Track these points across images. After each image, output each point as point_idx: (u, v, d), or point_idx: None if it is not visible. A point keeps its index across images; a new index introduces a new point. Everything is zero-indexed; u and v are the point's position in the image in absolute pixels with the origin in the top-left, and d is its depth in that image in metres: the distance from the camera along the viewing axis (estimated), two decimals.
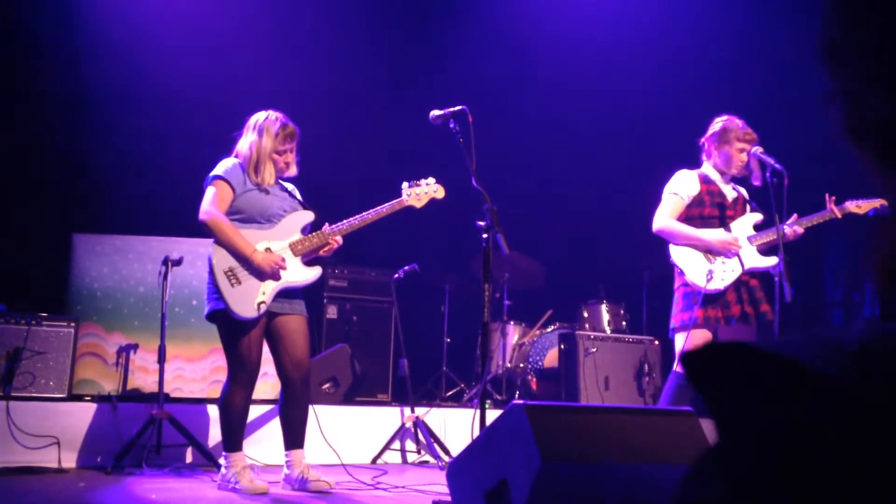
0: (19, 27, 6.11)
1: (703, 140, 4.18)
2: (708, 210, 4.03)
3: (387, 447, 4.99)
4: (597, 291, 6.43)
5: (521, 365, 6.31)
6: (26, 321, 4.54)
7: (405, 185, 3.94)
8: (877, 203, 4.12)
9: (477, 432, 3.05)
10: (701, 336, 3.92)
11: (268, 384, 5.00)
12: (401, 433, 5.06)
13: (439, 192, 3.98)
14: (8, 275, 5.47)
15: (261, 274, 3.64)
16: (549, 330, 6.38)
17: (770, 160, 3.96)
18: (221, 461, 3.77)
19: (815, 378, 0.56)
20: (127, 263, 4.97)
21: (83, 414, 4.44)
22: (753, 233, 4.04)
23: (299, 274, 3.76)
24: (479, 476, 2.76)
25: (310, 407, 3.87)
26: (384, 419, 5.15)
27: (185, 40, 6.62)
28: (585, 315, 6.37)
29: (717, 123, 4.13)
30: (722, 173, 4.10)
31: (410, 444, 5.10)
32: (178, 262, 4.51)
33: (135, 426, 4.37)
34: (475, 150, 3.41)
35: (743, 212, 4.11)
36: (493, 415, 3.16)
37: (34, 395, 4.46)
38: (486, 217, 3.39)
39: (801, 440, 0.56)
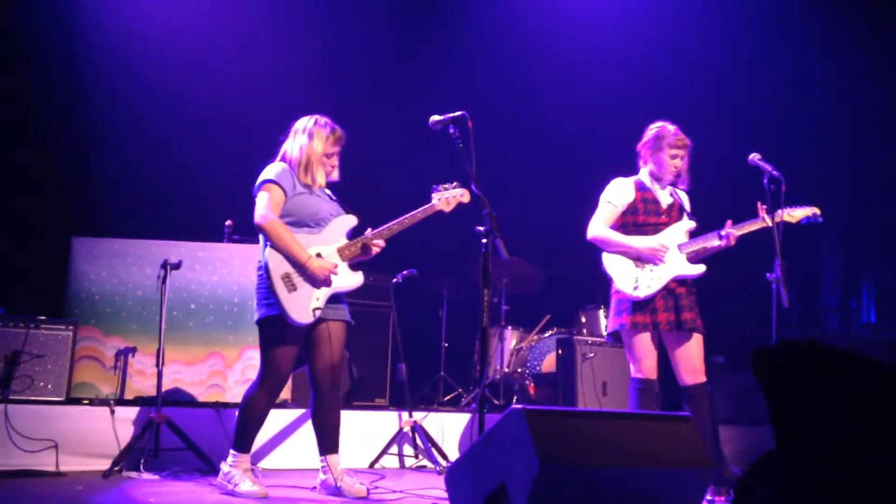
0: (17, 28, 6.11)
1: (638, 147, 4.21)
2: (642, 217, 4.07)
3: (384, 452, 4.99)
4: (594, 297, 6.44)
5: (519, 370, 6.32)
6: (25, 324, 4.54)
7: (434, 191, 3.94)
8: (809, 211, 4.06)
9: (476, 437, 3.05)
10: (645, 340, 3.95)
11: None
12: (398, 438, 5.06)
13: (465, 197, 3.99)
14: (7, 277, 5.47)
15: (314, 280, 3.68)
16: (546, 335, 6.39)
17: (768, 167, 3.97)
18: (229, 458, 3.76)
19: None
20: (125, 267, 4.97)
21: (81, 417, 4.44)
22: (685, 240, 4.07)
23: (347, 279, 3.80)
24: (478, 480, 2.76)
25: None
26: (382, 424, 5.15)
27: (185, 44, 6.63)
28: (583, 320, 6.38)
29: (651, 130, 4.16)
30: (658, 180, 4.13)
31: (408, 449, 5.10)
32: (176, 266, 4.52)
33: (133, 430, 4.37)
34: (475, 155, 3.43)
35: (678, 219, 4.13)
36: (490, 419, 3.16)
37: (32, 398, 4.46)
38: (486, 222, 3.40)
39: (881, 437, 0.54)
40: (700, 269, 4.02)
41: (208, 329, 4.99)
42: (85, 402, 4.65)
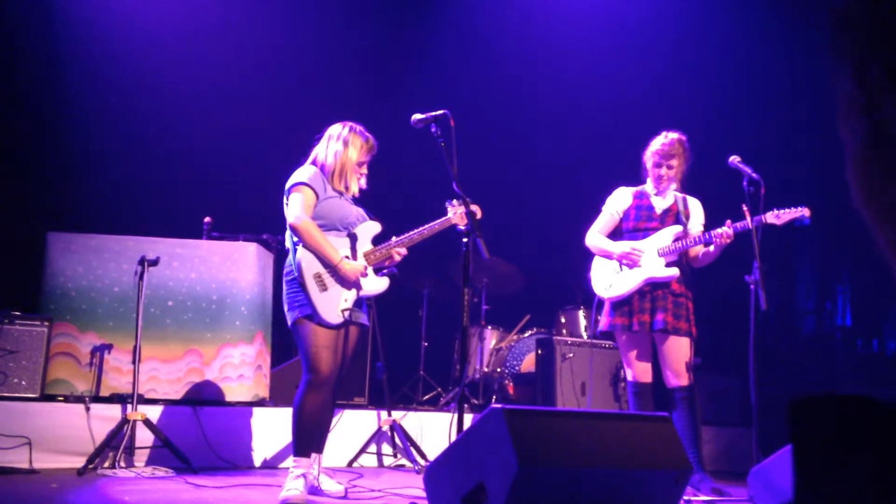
0: None
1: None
2: (633, 223, 4.28)
3: (363, 451, 4.98)
4: (574, 297, 6.46)
5: (498, 369, 6.32)
6: None
7: (449, 204, 3.93)
8: (798, 213, 3.95)
9: (455, 436, 3.05)
10: (630, 343, 4.20)
11: (243, 386, 4.97)
12: (377, 437, 5.05)
13: (477, 213, 3.98)
14: None
15: (345, 281, 3.68)
16: (526, 335, 6.40)
17: (747, 169, 4.00)
18: (291, 463, 3.64)
19: None
20: (102, 263, 4.91)
21: (55, 414, 4.39)
22: (668, 243, 4.15)
23: (373, 284, 3.81)
24: (457, 479, 2.76)
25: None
26: (361, 422, 5.13)
27: (164, 40, 6.57)
28: (563, 320, 6.40)
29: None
30: (655, 187, 4.31)
31: (387, 448, 5.09)
32: (154, 263, 4.48)
33: (108, 427, 4.32)
34: (456, 154, 3.42)
35: (672, 224, 4.22)
36: (468, 419, 3.16)
37: (6, 394, 4.40)
38: (467, 221, 3.40)
39: None
40: (670, 272, 4.13)
41: (186, 326, 4.95)
42: (60, 398, 4.59)
